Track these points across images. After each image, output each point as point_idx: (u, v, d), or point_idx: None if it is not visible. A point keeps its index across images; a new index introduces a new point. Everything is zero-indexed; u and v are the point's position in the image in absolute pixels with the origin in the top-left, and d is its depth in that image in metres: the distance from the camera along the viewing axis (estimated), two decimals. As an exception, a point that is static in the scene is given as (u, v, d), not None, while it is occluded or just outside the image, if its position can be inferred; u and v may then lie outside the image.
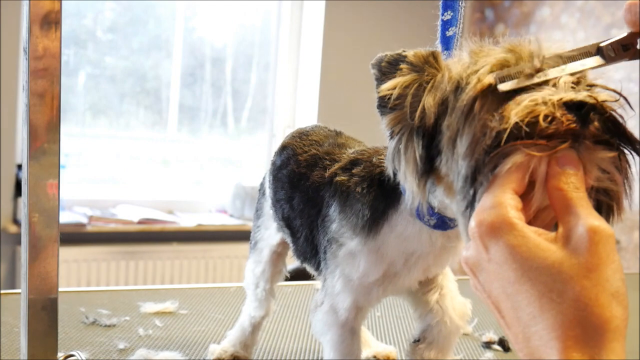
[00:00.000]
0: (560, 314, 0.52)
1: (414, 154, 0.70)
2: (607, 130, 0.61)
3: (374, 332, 1.33)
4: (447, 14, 0.80)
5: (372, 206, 0.84)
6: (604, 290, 0.52)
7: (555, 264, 0.53)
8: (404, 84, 0.71)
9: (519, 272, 0.54)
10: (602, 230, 0.54)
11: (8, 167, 3.38)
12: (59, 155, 0.86)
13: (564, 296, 0.52)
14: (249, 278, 1.14)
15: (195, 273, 3.72)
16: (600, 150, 0.61)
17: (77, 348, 1.16)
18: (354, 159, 0.90)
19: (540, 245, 0.54)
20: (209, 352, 1.16)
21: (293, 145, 1.01)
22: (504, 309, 0.56)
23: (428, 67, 0.71)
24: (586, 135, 0.61)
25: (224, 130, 4.25)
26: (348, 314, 0.89)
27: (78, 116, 3.88)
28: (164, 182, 4.05)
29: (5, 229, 3.38)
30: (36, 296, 0.88)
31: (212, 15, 4.11)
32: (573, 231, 0.55)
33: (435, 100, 0.68)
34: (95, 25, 3.90)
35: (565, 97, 0.61)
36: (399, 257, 0.85)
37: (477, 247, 0.57)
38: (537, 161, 0.59)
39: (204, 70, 4.16)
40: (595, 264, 0.53)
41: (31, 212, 0.85)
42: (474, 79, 0.65)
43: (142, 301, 1.43)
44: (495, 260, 0.56)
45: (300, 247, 0.98)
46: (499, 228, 0.55)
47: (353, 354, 0.92)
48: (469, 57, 0.68)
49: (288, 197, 0.98)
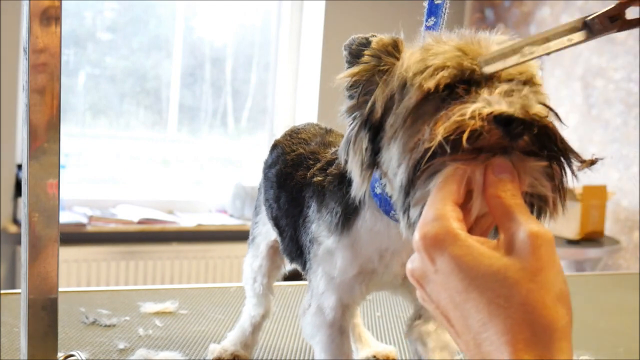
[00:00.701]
0: (508, 318, 0.53)
1: (361, 146, 0.71)
2: (536, 142, 0.62)
3: (374, 332, 1.33)
4: (430, 20, 0.81)
5: (344, 203, 0.84)
6: (548, 292, 0.54)
7: (500, 270, 0.54)
8: (359, 72, 0.72)
9: (466, 281, 0.55)
10: (542, 234, 0.56)
11: (8, 167, 3.38)
12: (59, 155, 0.86)
13: (511, 300, 0.53)
14: (246, 273, 1.15)
15: (195, 273, 3.72)
16: (531, 160, 0.62)
17: (77, 348, 1.16)
18: (331, 159, 0.91)
19: (484, 254, 0.56)
20: (209, 352, 1.16)
21: (283, 144, 1.02)
22: (454, 317, 0.57)
23: (386, 56, 0.71)
24: (515, 147, 0.61)
25: (224, 130, 4.25)
26: (335, 313, 0.90)
27: (78, 116, 3.88)
28: (164, 182, 4.05)
29: (5, 229, 3.38)
30: (36, 296, 0.88)
31: (212, 15, 4.11)
32: (515, 237, 0.56)
33: (384, 95, 0.69)
34: (95, 25, 3.90)
35: (496, 110, 0.60)
36: (374, 253, 0.85)
37: (423, 259, 0.58)
38: (472, 171, 0.60)
39: (204, 70, 4.16)
40: (538, 267, 0.55)
41: (31, 212, 0.85)
42: (417, 81, 0.66)
43: (142, 301, 1.43)
44: (441, 271, 0.57)
45: (287, 246, 0.98)
46: (442, 240, 0.57)
47: (343, 354, 0.92)
48: (419, 52, 0.69)
49: (276, 197, 0.99)
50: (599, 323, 1.52)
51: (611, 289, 1.90)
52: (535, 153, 0.62)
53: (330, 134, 1.02)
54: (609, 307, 1.67)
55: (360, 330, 1.22)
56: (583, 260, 3.78)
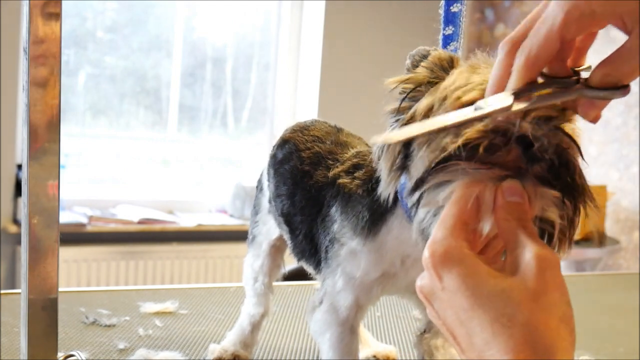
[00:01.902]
0: (511, 337, 0.54)
1: (396, 148, 0.72)
2: (552, 172, 0.62)
3: (374, 332, 1.33)
4: (448, 28, 0.82)
5: (371, 208, 0.85)
6: (552, 314, 0.55)
7: (505, 290, 0.56)
8: (410, 79, 0.72)
9: (472, 299, 0.56)
10: (548, 257, 0.57)
11: (8, 167, 3.38)
12: (59, 155, 0.86)
13: (514, 320, 0.54)
14: (247, 273, 1.15)
15: (195, 273, 3.72)
16: (544, 188, 0.62)
17: (77, 348, 1.16)
18: (357, 163, 0.91)
19: (490, 273, 0.57)
20: (209, 352, 1.16)
21: (295, 140, 1.01)
22: (459, 335, 0.58)
23: (439, 70, 0.72)
24: (530, 171, 0.61)
25: (224, 130, 4.25)
26: (349, 312, 0.90)
27: (78, 116, 3.88)
28: (164, 182, 4.05)
29: (5, 229, 3.38)
30: (36, 296, 0.88)
31: (212, 15, 4.11)
32: (520, 259, 0.57)
33: (426, 104, 0.69)
34: (95, 25, 3.90)
35: (522, 128, 0.60)
36: (396, 259, 0.86)
37: (431, 276, 0.59)
38: (483, 191, 0.61)
39: (204, 70, 4.16)
40: (542, 289, 0.56)
41: (31, 212, 0.85)
42: (455, 94, 0.66)
43: (142, 301, 1.43)
44: (448, 288, 0.58)
45: (299, 244, 0.98)
46: (450, 258, 0.58)
47: (352, 353, 0.92)
48: (467, 70, 0.69)
49: (290, 193, 0.98)
50: (599, 323, 1.52)
51: (611, 289, 1.90)
52: (550, 182, 0.62)
53: (342, 132, 1.02)
54: (609, 307, 1.67)
55: (360, 330, 1.22)
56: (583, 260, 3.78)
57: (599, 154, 3.90)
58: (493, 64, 0.64)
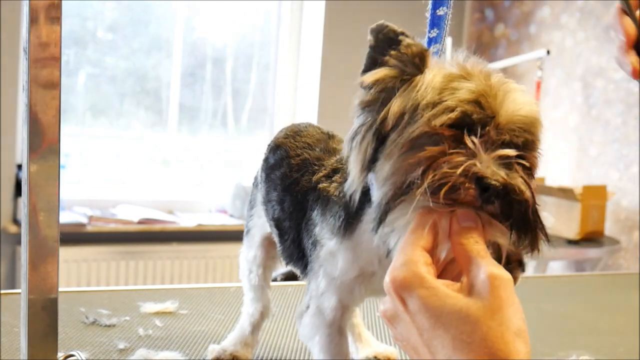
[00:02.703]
0: (471, 352, 0.58)
1: (366, 148, 0.73)
2: (504, 211, 0.66)
3: (374, 332, 1.34)
4: (433, 31, 0.82)
5: (347, 208, 0.86)
6: (507, 328, 0.59)
7: (463, 309, 0.60)
8: (384, 77, 0.73)
9: (432, 319, 0.60)
10: (501, 275, 0.61)
11: (8, 167, 3.38)
12: (59, 155, 0.86)
13: (473, 336, 0.58)
14: (242, 265, 1.16)
15: (195, 273, 3.72)
16: (494, 221, 0.67)
17: (77, 348, 1.16)
18: (336, 167, 0.93)
19: (448, 295, 0.61)
20: (208, 352, 1.16)
21: (287, 146, 1.02)
22: (423, 354, 0.62)
23: (411, 68, 0.72)
24: (486, 209, 0.66)
25: (224, 130, 4.25)
26: (335, 313, 0.91)
27: (78, 116, 3.88)
28: (164, 182, 4.05)
29: (5, 229, 3.38)
30: (36, 296, 0.87)
31: (212, 15, 4.11)
32: (475, 279, 0.62)
33: (397, 110, 0.71)
34: (95, 25, 3.90)
35: (480, 172, 0.65)
36: (373, 257, 0.87)
37: (394, 300, 0.63)
38: (439, 218, 0.65)
39: (204, 70, 4.16)
40: (497, 305, 0.60)
41: (31, 212, 0.85)
42: (426, 115, 0.68)
43: (142, 301, 1.43)
44: (410, 310, 0.62)
45: (288, 248, 0.99)
46: (410, 282, 0.62)
47: (342, 354, 0.93)
48: (441, 79, 0.70)
49: (279, 200, 1.00)
50: (599, 323, 1.52)
51: (611, 289, 1.90)
52: (502, 218, 0.67)
53: (333, 139, 1.03)
54: (609, 307, 1.67)
55: (360, 330, 1.22)
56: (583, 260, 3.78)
57: (599, 154, 3.90)
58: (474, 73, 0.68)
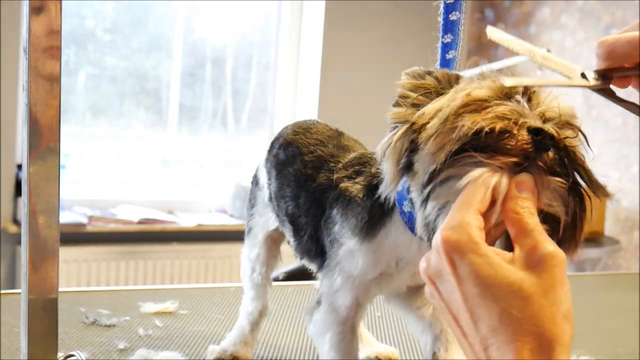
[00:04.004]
0: (519, 328, 0.58)
1: (402, 146, 0.73)
2: (559, 162, 0.66)
3: (374, 332, 1.33)
4: (447, 37, 0.82)
5: (370, 212, 0.87)
6: (558, 309, 0.59)
7: (515, 283, 0.59)
8: (423, 86, 0.74)
9: (482, 287, 0.60)
10: (558, 255, 0.61)
11: (8, 167, 3.38)
12: (59, 155, 0.86)
13: (523, 312, 0.58)
14: (244, 264, 1.16)
15: (195, 273, 3.72)
16: (551, 179, 0.66)
17: (77, 348, 1.16)
18: (359, 170, 0.93)
19: (501, 265, 0.60)
20: (208, 352, 1.16)
21: (299, 143, 1.03)
22: (463, 319, 0.61)
23: (446, 83, 0.74)
24: (540, 161, 0.65)
25: (224, 130, 4.25)
26: (349, 311, 0.91)
27: (78, 116, 3.88)
28: (164, 182, 4.05)
29: (5, 229, 3.38)
30: (36, 296, 0.87)
31: (212, 15, 4.11)
32: (531, 254, 0.61)
33: (435, 106, 0.71)
34: (95, 25, 3.90)
35: (530, 122, 0.65)
36: (392, 260, 0.88)
37: (442, 260, 0.62)
38: (498, 182, 0.64)
39: (204, 70, 4.16)
40: (550, 284, 0.59)
41: (31, 212, 0.85)
42: (466, 90, 0.69)
43: (142, 301, 1.43)
44: (459, 274, 0.61)
45: (304, 244, 0.99)
46: (464, 246, 0.61)
47: (352, 353, 0.93)
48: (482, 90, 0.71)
49: (294, 195, 1.00)
50: (599, 323, 1.52)
51: (611, 289, 1.90)
52: (557, 173, 0.65)
53: (343, 136, 1.04)
54: (609, 307, 1.67)
55: (360, 330, 1.22)
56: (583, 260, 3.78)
57: (599, 154, 3.90)
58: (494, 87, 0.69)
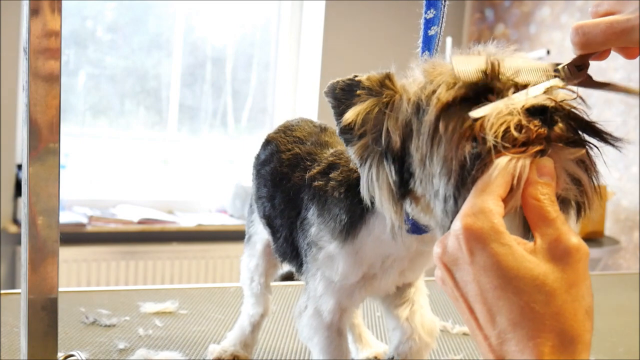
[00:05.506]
0: (541, 323, 0.55)
1: (387, 180, 0.70)
2: (571, 128, 0.63)
3: (374, 332, 1.33)
4: (430, 12, 0.79)
5: (350, 210, 0.84)
6: (581, 306, 0.57)
7: (540, 276, 0.56)
8: (365, 110, 0.70)
9: (504, 279, 0.56)
10: (582, 248, 0.58)
11: (8, 167, 3.38)
12: (59, 155, 0.86)
13: (547, 308, 0.55)
14: (244, 273, 1.15)
15: (195, 273, 3.72)
16: (568, 151, 0.63)
17: (77, 348, 1.16)
18: (332, 162, 0.89)
19: (525, 257, 0.57)
20: (209, 352, 1.16)
21: (277, 141, 1.01)
22: (479, 310, 0.58)
23: (385, 90, 0.70)
24: (553, 137, 0.62)
25: (224, 130, 4.25)
26: (332, 316, 0.90)
27: (78, 116, 3.88)
28: (164, 182, 4.05)
29: (5, 229, 3.38)
30: (36, 296, 0.88)
31: (212, 15, 4.11)
32: (555, 246, 0.58)
33: (398, 124, 0.68)
34: (95, 25, 3.90)
35: (527, 103, 0.62)
36: (376, 260, 0.86)
37: (461, 247, 0.59)
38: (522, 168, 0.60)
39: (204, 70, 4.15)
40: (574, 280, 0.57)
41: (31, 212, 0.85)
42: (433, 100, 0.65)
43: (142, 301, 1.43)
44: (478, 263, 0.57)
45: (281, 246, 0.98)
46: (487, 235, 0.57)
47: (342, 355, 0.92)
48: (423, 76, 0.68)
49: (270, 196, 0.98)
50: (599, 323, 1.51)
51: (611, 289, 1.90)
52: (573, 142, 0.63)
53: (326, 132, 1.00)
54: (609, 307, 1.67)
55: (361, 330, 1.22)
56: (583, 260, 3.77)
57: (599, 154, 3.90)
58: (442, 66, 0.66)
